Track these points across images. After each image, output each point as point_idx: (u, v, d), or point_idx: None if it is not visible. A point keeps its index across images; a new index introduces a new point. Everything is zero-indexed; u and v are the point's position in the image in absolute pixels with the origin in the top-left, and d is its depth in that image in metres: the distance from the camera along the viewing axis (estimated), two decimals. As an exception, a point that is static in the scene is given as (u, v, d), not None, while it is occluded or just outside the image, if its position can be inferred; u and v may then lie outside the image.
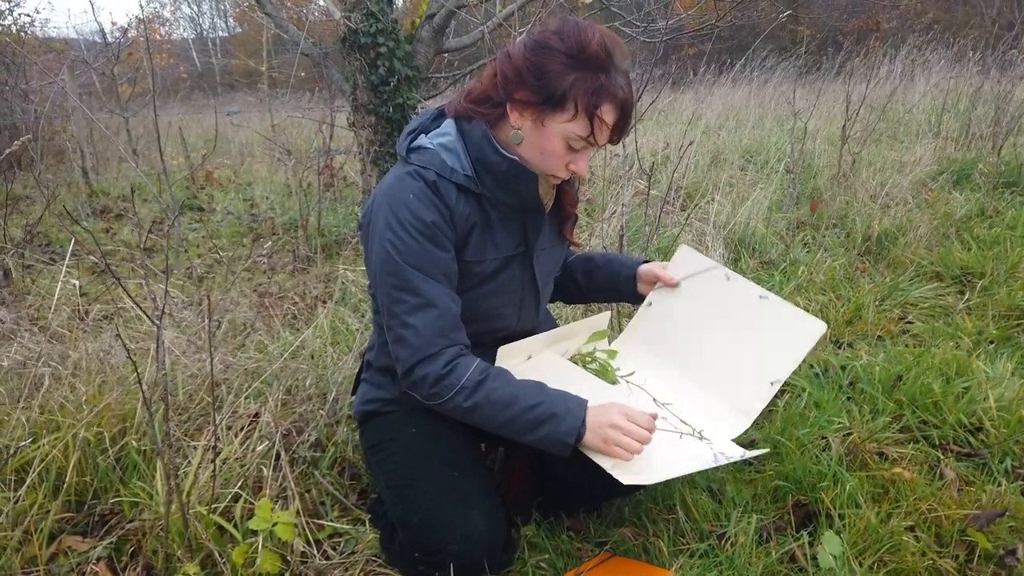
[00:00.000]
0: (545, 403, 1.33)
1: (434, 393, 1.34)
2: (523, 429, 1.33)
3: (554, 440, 1.31)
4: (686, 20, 4.92)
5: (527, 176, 1.37)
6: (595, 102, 1.26)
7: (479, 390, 1.33)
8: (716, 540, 1.65)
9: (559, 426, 1.31)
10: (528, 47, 1.31)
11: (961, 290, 3.21)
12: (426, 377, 1.33)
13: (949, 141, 6.08)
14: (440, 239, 1.36)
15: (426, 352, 1.33)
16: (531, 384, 1.38)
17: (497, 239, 1.45)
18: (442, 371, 1.33)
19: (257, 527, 1.51)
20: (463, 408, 1.34)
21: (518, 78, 1.30)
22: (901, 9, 16.03)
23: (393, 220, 1.34)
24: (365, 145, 4.45)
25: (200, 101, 16.43)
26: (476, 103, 1.39)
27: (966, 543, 1.62)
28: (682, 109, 9.20)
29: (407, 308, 1.34)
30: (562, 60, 1.26)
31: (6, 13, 7.76)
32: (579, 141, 1.31)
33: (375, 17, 4.09)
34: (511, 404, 1.33)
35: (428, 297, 1.34)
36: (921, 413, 2.14)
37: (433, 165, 1.38)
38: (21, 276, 3.07)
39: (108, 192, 6.24)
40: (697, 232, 3.78)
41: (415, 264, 1.34)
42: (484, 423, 1.36)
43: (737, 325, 1.61)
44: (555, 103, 1.28)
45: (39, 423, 1.81)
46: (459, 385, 1.32)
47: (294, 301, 3.07)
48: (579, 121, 1.28)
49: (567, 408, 1.33)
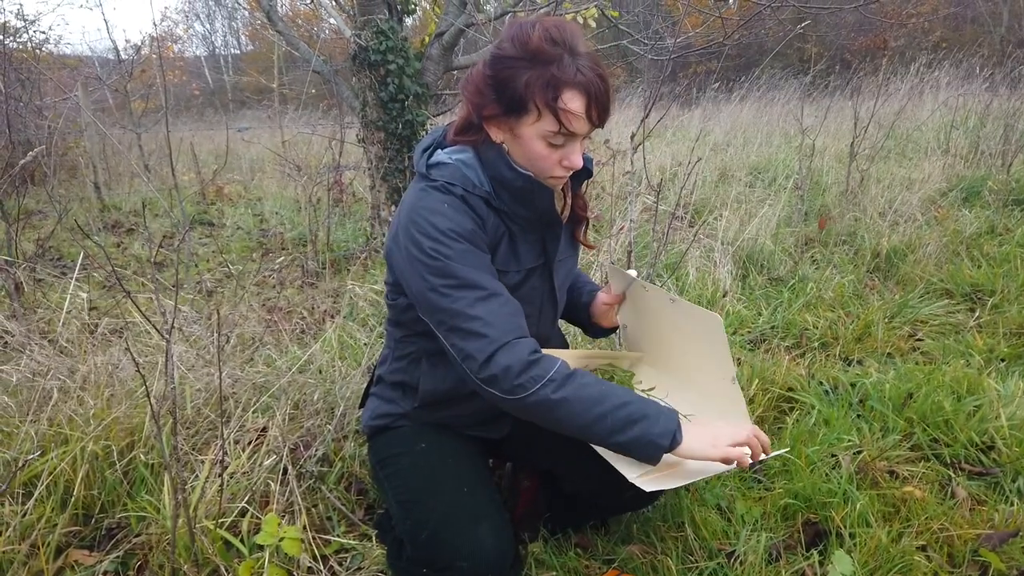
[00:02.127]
0: (635, 402, 1.27)
1: (519, 385, 1.23)
2: (613, 429, 1.24)
3: (646, 442, 1.23)
4: (694, 38, 4.94)
5: (543, 191, 1.37)
6: (552, 95, 1.23)
7: (569, 383, 1.24)
8: (725, 558, 1.63)
9: (653, 427, 1.24)
10: (484, 63, 1.30)
11: (971, 308, 3.20)
12: (510, 367, 1.22)
13: (958, 158, 6.06)
14: (481, 244, 1.33)
15: (503, 340, 1.24)
16: (618, 386, 1.32)
17: (520, 252, 1.44)
18: (529, 358, 1.24)
19: (264, 542, 1.50)
20: (551, 400, 1.23)
21: (481, 97, 1.30)
22: (909, 28, 16.08)
23: (432, 229, 1.29)
24: (374, 161, 4.48)
25: (212, 117, 16.59)
26: (461, 133, 1.39)
27: (979, 563, 1.60)
28: (690, 126, 9.23)
29: (469, 302, 1.26)
30: (511, 65, 1.24)
31: (22, 31, 7.87)
32: (556, 136, 1.28)
33: (385, 35, 4.13)
34: (602, 400, 1.25)
35: (491, 289, 1.28)
36: (932, 431, 2.13)
37: (457, 180, 1.36)
38: (32, 290, 3.09)
39: (120, 207, 6.30)
40: (705, 248, 3.78)
41: (468, 263, 1.29)
42: (568, 420, 1.25)
43: (680, 334, 1.60)
44: (517, 109, 1.26)
45: (48, 436, 1.82)
46: (548, 376, 1.23)
47: (302, 316, 3.08)
48: (545, 118, 1.26)
49: (659, 410, 1.27)
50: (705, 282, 3.41)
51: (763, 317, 3.13)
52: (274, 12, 4.88)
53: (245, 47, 39.22)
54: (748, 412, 1.49)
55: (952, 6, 18.36)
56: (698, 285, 3.38)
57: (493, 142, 1.36)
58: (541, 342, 1.60)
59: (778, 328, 3.03)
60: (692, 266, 3.55)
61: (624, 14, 5.20)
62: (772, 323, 3.06)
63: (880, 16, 9.38)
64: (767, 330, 3.02)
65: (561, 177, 1.37)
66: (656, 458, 1.25)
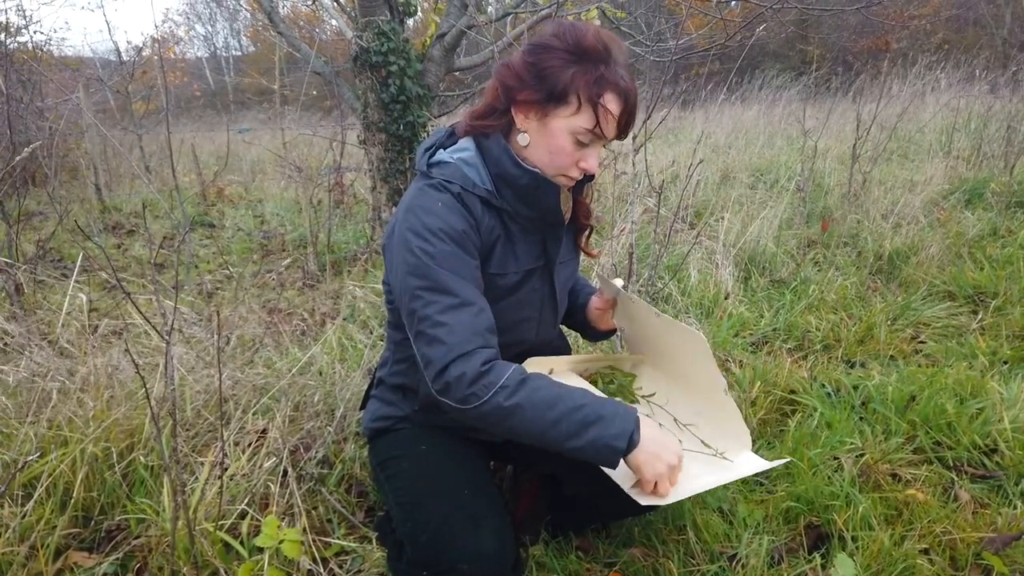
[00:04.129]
0: (591, 405, 1.25)
1: (471, 394, 1.22)
2: (568, 433, 1.22)
3: (602, 446, 1.21)
4: (696, 40, 4.94)
5: (548, 188, 1.38)
6: (597, 91, 1.26)
7: (521, 389, 1.23)
8: (727, 562, 1.62)
9: (608, 429, 1.22)
10: (527, 51, 1.32)
11: (974, 310, 3.19)
12: (463, 376, 1.22)
13: (960, 160, 6.05)
14: (470, 247, 1.34)
15: (462, 349, 1.24)
16: (575, 388, 1.30)
17: (518, 252, 1.44)
18: (481, 368, 1.23)
19: (263, 544, 1.50)
20: (503, 408, 1.22)
21: (519, 81, 1.31)
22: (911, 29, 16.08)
23: (422, 227, 1.30)
24: (375, 162, 4.48)
25: (213, 119, 16.60)
26: (481, 117, 1.40)
27: (982, 567, 1.59)
28: (692, 128, 9.23)
29: (440, 308, 1.26)
30: (561, 56, 1.27)
31: (22, 30, 7.87)
32: (586, 134, 1.30)
33: (386, 36, 4.13)
34: (555, 404, 1.23)
35: (463, 297, 1.28)
36: (935, 434, 2.12)
37: (456, 178, 1.37)
38: (32, 291, 3.09)
39: (120, 208, 6.30)
40: (707, 250, 3.77)
41: (448, 267, 1.29)
42: (523, 427, 1.24)
43: (671, 345, 1.59)
44: (558, 98, 1.28)
45: (47, 438, 1.81)
46: (500, 383, 1.22)
47: (303, 317, 3.08)
48: (584, 113, 1.28)
49: (615, 411, 1.25)
50: (707, 284, 3.40)
51: (765, 319, 3.12)
52: (275, 13, 4.89)
53: (246, 48, 39.28)
54: (745, 424, 1.48)
55: (954, 8, 18.36)
56: (700, 287, 3.38)
57: (501, 136, 1.37)
58: (542, 345, 1.60)
59: (780, 330, 3.02)
60: (694, 268, 3.55)
61: (626, 16, 5.20)
62: (774, 325, 3.06)
63: (882, 18, 9.37)
64: (769, 332, 3.01)
65: (573, 178, 1.38)
66: (614, 462, 1.23)
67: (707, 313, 3.18)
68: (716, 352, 2.70)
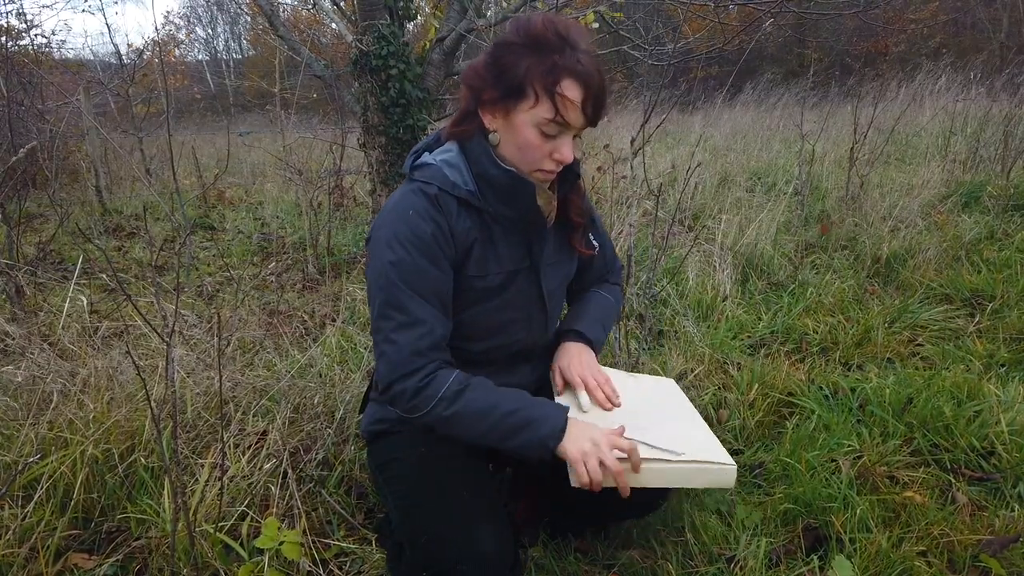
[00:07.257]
0: (524, 409, 1.34)
1: (413, 406, 1.34)
2: (504, 435, 1.33)
3: (536, 444, 1.32)
4: (694, 43, 4.95)
5: (525, 187, 1.38)
6: (553, 80, 1.26)
7: (458, 400, 1.33)
8: (725, 563, 1.63)
9: (540, 429, 1.32)
10: (487, 52, 1.34)
11: (971, 313, 3.19)
12: (404, 391, 1.33)
13: (957, 164, 6.06)
14: (436, 254, 1.37)
15: (404, 369, 1.33)
16: (512, 392, 1.39)
17: (500, 253, 1.45)
18: (420, 384, 1.33)
19: (263, 546, 1.50)
20: (444, 418, 1.33)
21: (481, 81, 1.33)
22: (909, 33, 16.11)
23: (391, 236, 1.35)
24: (375, 165, 4.49)
25: (213, 122, 16.59)
26: (458, 123, 1.43)
27: (979, 569, 1.60)
28: (690, 131, 9.24)
29: (394, 325, 1.34)
30: (515, 51, 1.28)
31: (23, 33, 7.89)
32: (550, 125, 1.30)
33: (386, 40, 4.14)
34: (491, 411, 1.33)
35: (415, 316, 1.34)
36: (932, 436, 2.12)
37: (435, 179, 1.39)
38: (33, 293, 3.09)
39: (121, 211, 6.30)
40: (705, 253, 3.78)
41: (407, 281, 1.34)
42: (466, 433, 1.36)
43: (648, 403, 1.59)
44: (516, 93, 1.29)
45: (48, 439, 1.82)
46: (438, 396, 1.32)
47: (303, 319, 3.08)
48: (543, 104, 1.28)
49: (544, 413, 1.34)
50: (705, 287, 3.41)
51: (763, 322, 3.13)
52: (276, 17, 4.90)
53: (247, 52, 39.25)
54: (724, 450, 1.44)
55: (952, 12, 18.40)
56: (698, 289, 3.39)
57: (482, 137, 1.39)
58: (536, 347, 1.60)
59: (778, 333, 3.03)
60: (692, 271, 3.56)
61: (624, 19, 5.21)
62: (772, 328, 3.07)
63: (880, 22, 9.39)
64: (767, 335, 3.02)
65: (550, 171, 1.38)
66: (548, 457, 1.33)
67: (705, 315, 3.19)
68: (715, 354, 2.71)
